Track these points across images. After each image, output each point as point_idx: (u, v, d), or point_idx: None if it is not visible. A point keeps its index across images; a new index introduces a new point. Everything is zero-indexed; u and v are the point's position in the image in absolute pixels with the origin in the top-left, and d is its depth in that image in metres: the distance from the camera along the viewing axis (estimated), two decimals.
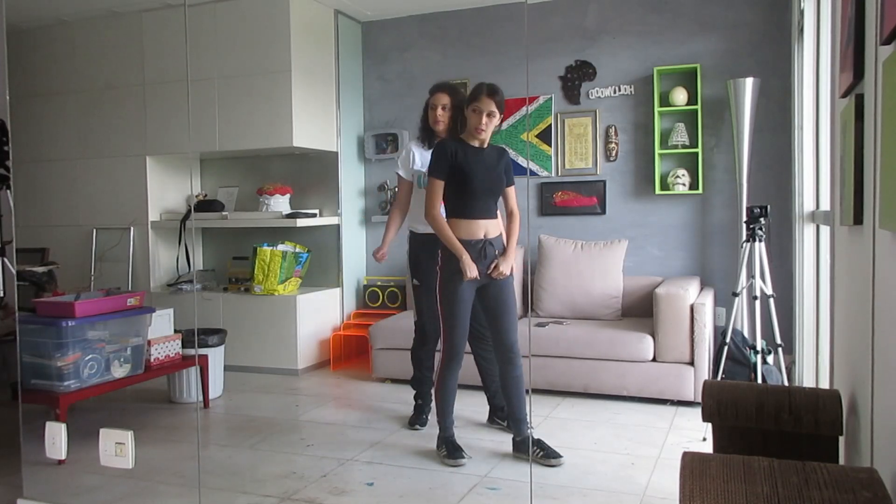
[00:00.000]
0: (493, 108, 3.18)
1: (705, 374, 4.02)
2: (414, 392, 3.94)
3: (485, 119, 3.17)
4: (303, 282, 5.28)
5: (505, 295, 3.33)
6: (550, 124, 5.10)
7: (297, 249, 5.18)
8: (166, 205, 5.49)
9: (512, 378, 3.33)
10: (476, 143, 3.24)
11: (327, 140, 5.27)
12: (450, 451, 3.30)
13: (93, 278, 5.36)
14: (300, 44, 4.99)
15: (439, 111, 3.67)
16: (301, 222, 5.05)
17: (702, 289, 4.57)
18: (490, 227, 3.27)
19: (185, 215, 5.34)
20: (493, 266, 3.25)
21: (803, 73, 3.83)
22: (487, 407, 3.88)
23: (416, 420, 3.84)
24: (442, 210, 3.32)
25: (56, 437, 2.97)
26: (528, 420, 3.40)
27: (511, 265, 3.31)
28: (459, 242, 3.19)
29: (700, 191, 4.75)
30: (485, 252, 3.24)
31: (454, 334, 3.29)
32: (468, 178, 3.18)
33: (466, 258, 3.18)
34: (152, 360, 3.91)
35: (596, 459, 3.31)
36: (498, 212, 3.34)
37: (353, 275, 5.53)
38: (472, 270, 3.18)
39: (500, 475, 3.14)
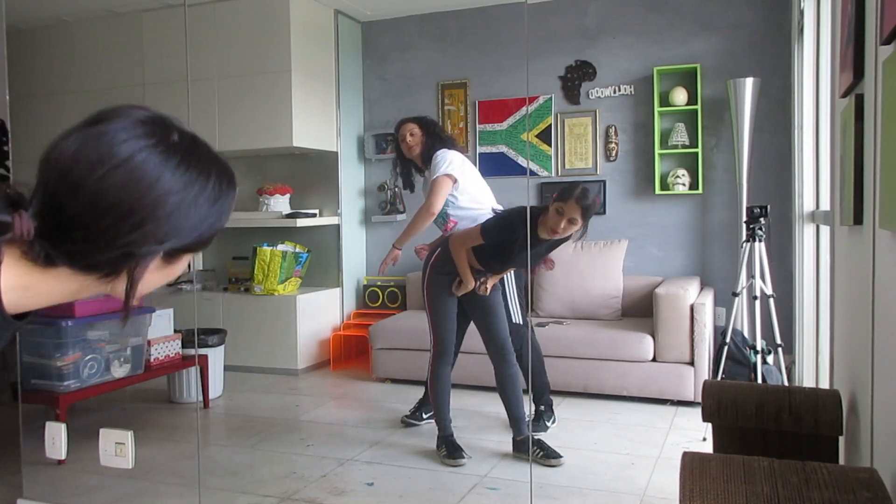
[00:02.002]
0: (577, 216, 3.04)
1: (705, 374, 4.02)
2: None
3: (564, 224, 3.05)
4: (303, 282, 5.28)
5: (489, 299, 3.38)
6: (550, 124, 5.10)
7: (297, 249, 5.18)
8: None
9: (507, 377, 3.34)
10: (543, 235, 3.16)
11: (327, 140, 5.27)
12: (449, 450, 3.30)
13: None
14: (300, 44, 4.99)
15: (408, 138, 3.76)
16: (301, 222, 5.05)
17: (702, 289, 4.57)
18: None
19: None
20: (480, 283, 3.33)
21: (803, 73, 3.83)
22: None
23: (411, 417, 3.85)
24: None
25: (56, 437, 2.97)
26: (529, 418, 3.41)
27: (495, 282, 3.42)
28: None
29: (700, 191, 4.75)
30: (475, 277, 3.34)
31: (443, 329, 3.38)
32: (510, 256, 3.22)
33: (470, 286, 3.29)
34: (152, 360, 3.91)
35: (596, 459, 3.31)
36: None
37: (353, 275, 5.53)
38: (463, 291, 3.31)
39: (500, 475, 3.15)
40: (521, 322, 3.62)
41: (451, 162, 3.65)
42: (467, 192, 3.69)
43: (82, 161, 0.78)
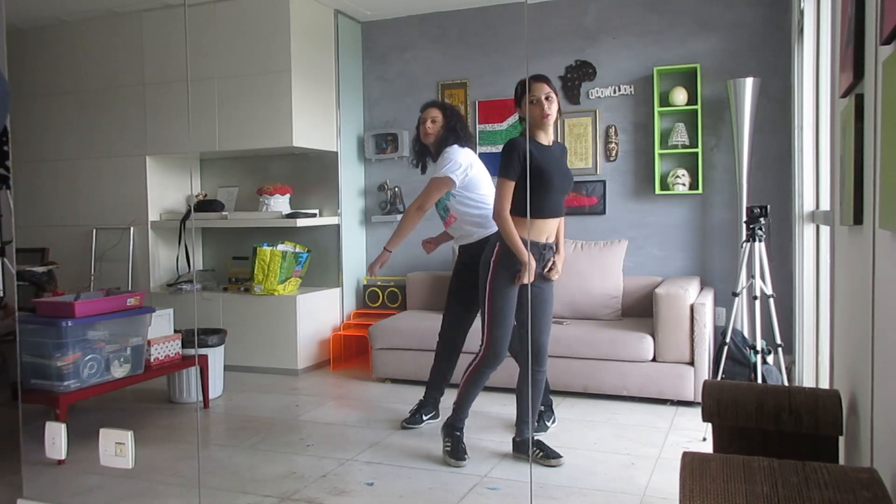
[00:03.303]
0: (549, 91, 3.10)
1: (705, 374, 4.02)
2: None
3: (545, 105, 3.08)
4: (303, 282, 5.28)
5: (549, 295, 3.30)
6: None
7: (297, 249, 5.18)
8: (166, 205, 5.49)
9: (535, 381, 3.31)
10: (545, 141, 3.16)
11: (327, 140, 5.27)
12: (454, 448, 3.27)
13: (93, 278, 5.36)
14: (300, 44, 4.99)
15: (428, 124, 3.74)
16: (301, 222, 5.05)
17: (702, 289, 4.57)
18: (553, 229, 3.22)
19: (185, 215, 5.34)
20: (549, 266, 3.22)
21: (803, 73, 3.83)
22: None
23: (410, 421, 3.85)
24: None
25: (56, 437, 2.97)
26: (535, 422, 3.41)
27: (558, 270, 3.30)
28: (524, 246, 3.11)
29: (700, 191, 4.75)
30: (543, 257, 3.20)
31: (503, 333, 3.22)
32: (543, 177, 3.07)
33: (532, 264, 3.10)
34: (152, 360, 3.91)
35: (596, 459, 3.31)
36: None
37: (353, 275, 5.54)
38: (532, 275, 3.11)
39: (500, 475, 3.15)
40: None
41: (457, 163, 3.64)
42: (472, 191, 3.66)
43: None
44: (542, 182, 3.08)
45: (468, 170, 3.65)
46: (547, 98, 3.10)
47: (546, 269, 3.23)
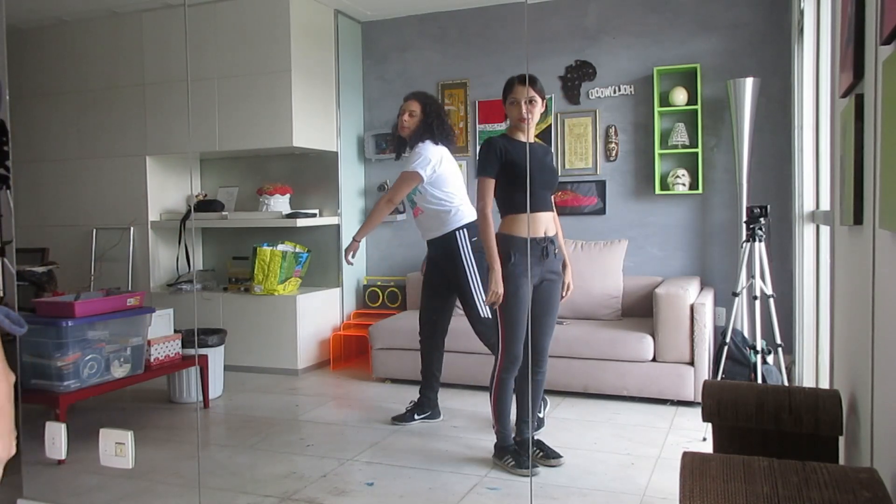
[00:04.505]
0: (532, 95, 3.08)
1: (705, 374, 4.02)
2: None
3: (524, 107, 3.06)
4: (303, 282, 5.28)
5: (555, 298, 3.27)
6: (550, 124, 5.10)
7: (297, 249, 5.18)
8: (166, 205, 5.49)
9: (535, 382, 3.30)
10: (522, 138, 3.14)
11: (327, 140, 5.27)
12: (518, 462, 3.18)
13: (93, 278, 5.36)
14: (300, 44, 4.99)
15: (405, 117, 3.80)
16: (301, 222, 5.05)
17: (702, 289, 4.57)
18: (549, 223, 3.19)
19: (185, 215, 5.34)
20: (566, 290, 3.33)
21: (803, 73, 3.83)
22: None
23: (401, 418, 3.87)
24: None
25: (56, 437, 2.97)
26: (533, 421, 3.40)
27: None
28: (519, 243, 3.09)
29: (700, 191, 4.75)
30: (546, 252, 3.16)
31: (518, 336, 3.15)
32: (522, 172, 3.06)
33: (499, 277, 3.05)
34: (152, 360, 3.91)
35: (596, 459, 3.31)
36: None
37: (353, 275, 5.53)
38: (500, 291, 3.06)
39: (500, 475, 3.14)
40: (490, 316, 3.50)
41: (426, 159, 3.70)
42: (437, 188, 3.73)
43: None
44: (522, 177, 3.08)
45: (437, 166, 3.71)
46: (531, 101, 3.09)
47: (563, 294, 3.32)
